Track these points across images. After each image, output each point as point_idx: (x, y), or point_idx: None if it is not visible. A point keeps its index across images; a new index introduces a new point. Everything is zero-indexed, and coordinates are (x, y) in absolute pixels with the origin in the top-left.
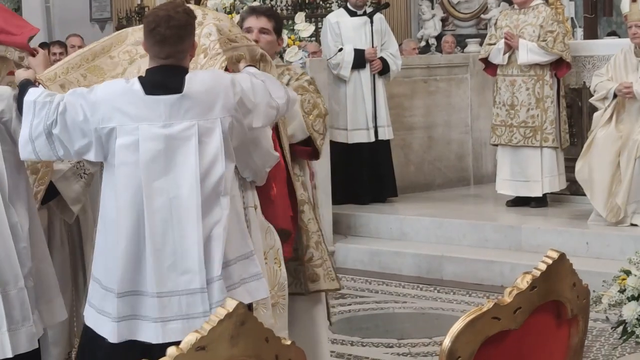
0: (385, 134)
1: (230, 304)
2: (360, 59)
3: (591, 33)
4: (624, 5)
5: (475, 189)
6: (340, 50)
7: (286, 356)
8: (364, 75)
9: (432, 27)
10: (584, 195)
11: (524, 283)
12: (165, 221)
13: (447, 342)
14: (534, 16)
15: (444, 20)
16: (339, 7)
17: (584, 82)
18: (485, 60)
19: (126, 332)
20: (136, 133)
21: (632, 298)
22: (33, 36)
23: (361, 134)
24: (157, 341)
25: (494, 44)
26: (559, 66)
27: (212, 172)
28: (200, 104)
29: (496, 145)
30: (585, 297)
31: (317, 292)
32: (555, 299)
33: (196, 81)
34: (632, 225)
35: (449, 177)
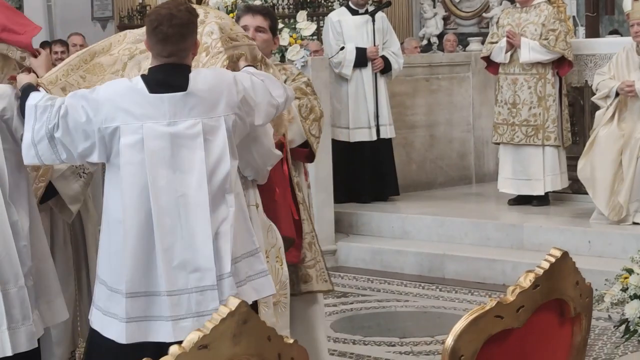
0: (387, 132)
1: (233, 302)
2: (362, 57)
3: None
4: (626, 3)
5: (477, 187)
6: (342, 48)
7: (288, 355)
8: (366, 73)
9: (433, 26)
10: (586, 193)
11: (526, 281)
12: (173, 219)
13: (449, 340)
14: (536, 14)
15: (445, 19)
16: (341, 5)
17: (586, 81)
18: (487, 59)
19: (137, 334)
20: (140, 132)
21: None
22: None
23: (363, 133)
24: (169, 340)
25: (496, 42)
26: (560, 65)
27: (218, 169)
28: (204, 101)
29: (498, 143)
30: (588, 296)
31: (309, 292)
32: (558, 297)
33: (200, 79)
34: (634, 223)
35: (450, 175)
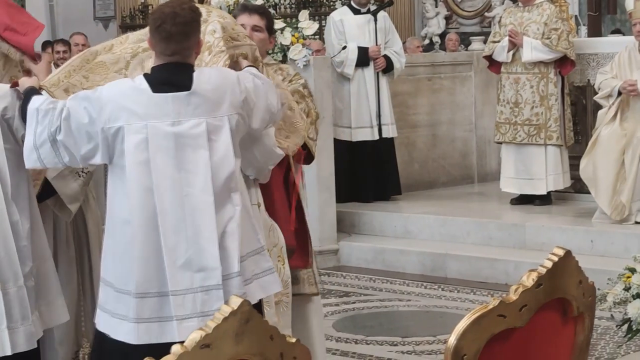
0: (389, 132)
1: (235, 301)
2: (364, 56)
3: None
4: (628, 2)
5: (479, 187)
6: (344, 48)
7: (291, 354)
8: (368, 73)
9: (436, 25)
10: (589, 193)
11: (529, 280)
12: (178, 219)
13: (452, 339)
14: (538, 14)
15: (447, 18)
16: (343, 5)
17: (588, 80)
18: (489, 58)
19: (148, 335)
20: (144, 131)
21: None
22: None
23: (365, 132)
24: (173, 340)
25: (498, 41)
26: (563, 64)
27: (222, 169)
28: (208, 101)
29: (500, 143)
30: (591, 295)
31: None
32: (561, 296)
33: (204, 78)
34: (636, 223)
35: (453, 175)
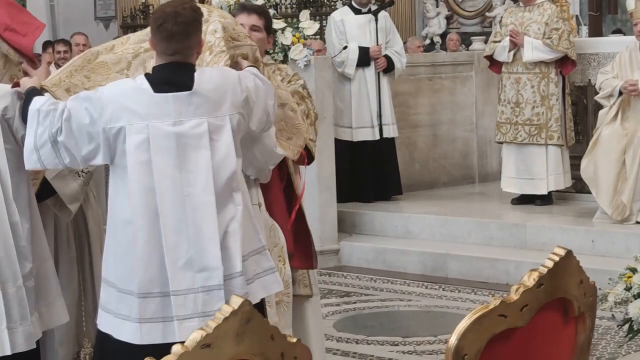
0: (390, 131)
1: (236, 301)
2: (364, 56)
3: (596, 31)
4: (629, 2)
5: (480, 186)
6: (345, 48)
7: (292, 354)
8: (369, 73)
9: (436, 25)
10: (590, 193)
11: (530, 280)
12: (180, 219)
13: (453, 339)
14: (539, 14)
15: (448, 18)
16: (344, 5)
17: (589, 80)
18: (490, 58)
19: (152, 335)
20: (146, 132)
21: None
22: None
23: (366, 132)
24: (173, 340)
25: (499, 41)
26: (564, 64)
27: (224, 168)
28: (209, 101)
29: (501, 143)
30: (592, 295)
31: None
32: (562, 296)
33: (205, 78)
34: (637, 223)
35: (453, 175)
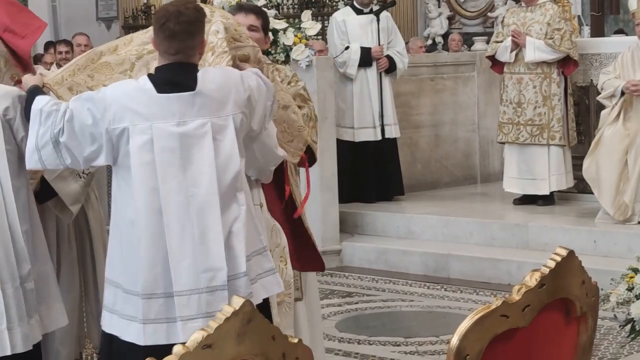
0: (392, 132)
1: (237, 301)
2: (366, 57)
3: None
4: (631, 3)
5: (482, 187)
6: (347, 48)
7: (293, 354)
8: (371, 73)
9: (438, 26)
10: (592, 193)
11: (532, 280)
12: (184, 219)
13: (455, 340)
14: (541, 14)
15: (450, 19)
16: (346, 5)
17: (591, 80)
18: (492, 58)
19: (156, 336)
20: (149, 132)
21: None
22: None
23: (368, 133)
24: (177, 341)
25: (501, 41)
26: (566, 64)
27: (228, 168)
28: (212, 101)
29: (503, 143)
30: (594, 295)
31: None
32: (564, 296)
33: (208, 78)
34: (639, 223)
35: (455, 175)
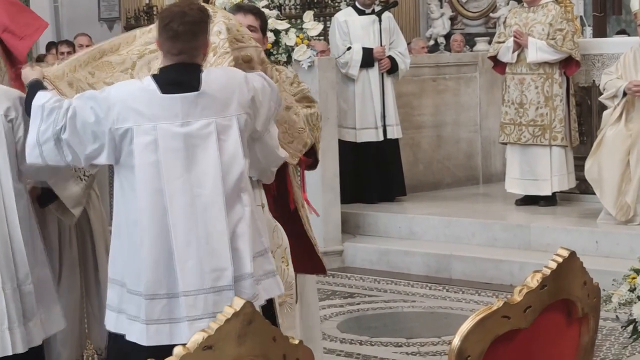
0: (394, 132)
1: (238, 302)
2: (368, 57)
3: (600, 31)
4: (634, 3)
5: (484, 187)
6: (349, 49)
7: (294, 356)
8: (373, 74)
9: (440, 26)
10: (594, 194)
11: (534, 282)
12: (189, 220)
13: (456, 341)
14: (543, 14)
15: (452, 19)
16: (348, 5)
17: (594, 81)
18: (494, 59)
19: (159, 336)
20: (154, 133)
21: None
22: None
23: (370, 133)
24: (181, 341)
25: (503, 42)
26: (568, 64)
27: (232, 169)
28: (216, 101)
29: (505, 143)
30: (595, 296)
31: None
32: (566, 297)
33: (212, 78)
34: None
35: (457, 176)
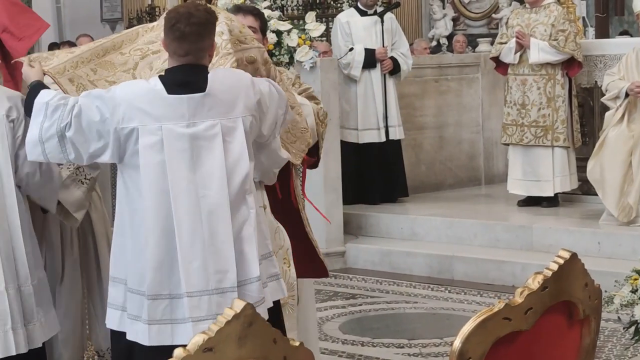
0: (396, 133)
1: (238, 304)
2: (370, 58)
3: (603, 32)
4: (636, 4)
5: (486, 188)
6: (351, 49)
7: (294, 358)
8: (375, 75)
9: (443, 27)
10: (596, 195)
11: (535, 283)
12: (194, 221)
13: (457, 342)
14: (546, 15)
15: (455, 20)
16: (350, 6)
17: (596, 82)
18: (497, 60)
19: (161, 337)
20: (159, 133)
21: None
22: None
23: (372, 134)
24: (183, 342)
25: (505, 43)
26: (570, 65)
27: (237, 170)
28: (222, 102)
29: (507, 144)
30: (597, 298)
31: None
32: (567, 299)
33: (218, 79)
34: None
35: (460, 177)
